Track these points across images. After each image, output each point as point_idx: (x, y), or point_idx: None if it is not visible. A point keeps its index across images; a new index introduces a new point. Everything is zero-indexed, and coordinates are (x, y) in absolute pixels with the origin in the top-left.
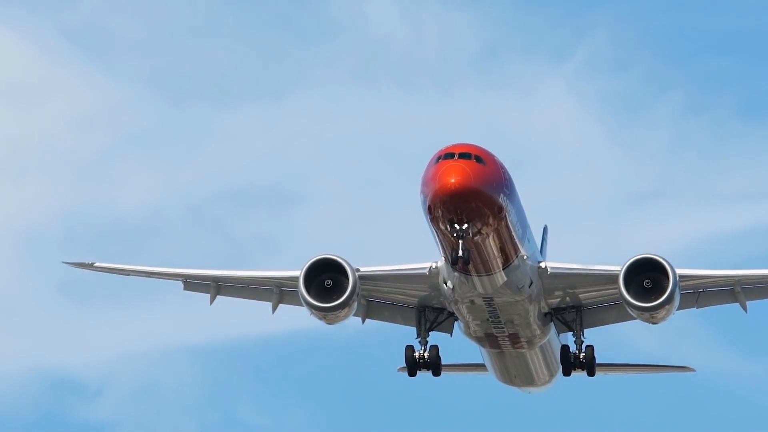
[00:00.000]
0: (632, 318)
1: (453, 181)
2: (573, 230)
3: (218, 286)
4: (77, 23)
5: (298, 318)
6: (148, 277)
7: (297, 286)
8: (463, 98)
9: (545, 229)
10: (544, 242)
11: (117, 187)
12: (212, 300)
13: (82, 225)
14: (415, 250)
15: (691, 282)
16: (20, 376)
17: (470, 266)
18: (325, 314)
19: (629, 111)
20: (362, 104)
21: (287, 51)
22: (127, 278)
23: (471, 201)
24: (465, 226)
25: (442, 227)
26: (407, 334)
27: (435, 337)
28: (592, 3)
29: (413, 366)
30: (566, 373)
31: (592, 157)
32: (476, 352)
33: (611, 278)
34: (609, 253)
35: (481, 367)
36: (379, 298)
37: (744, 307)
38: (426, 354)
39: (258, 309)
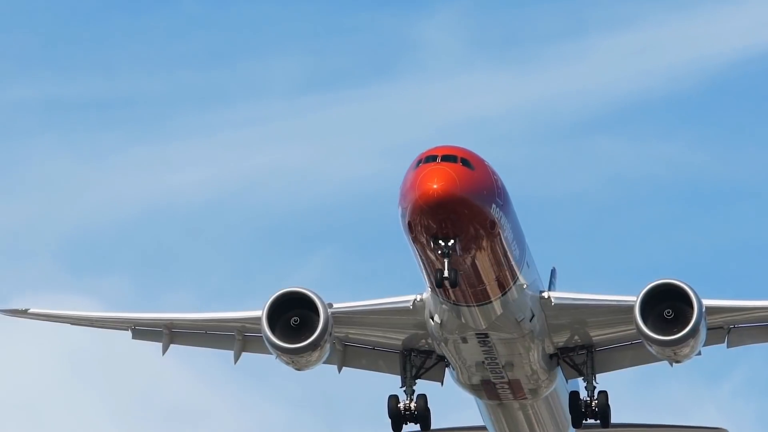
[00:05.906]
0: (652, 360)
1: (435, 187)
2: None
3: (172, 333)
4: None
5: None
6: (91, 325)
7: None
8: None
9: (553, 271)
10: (552, 286)
11: None
12: (165, 350)
13: None
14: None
15: (719, 317)
16: None
17: (459, 293)
18: (293, 357)
19: None
20: None
21: None
22: None
23: (457, 211)
24: (451, 242)
25: (425, 245)
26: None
27: (423, 387)
28: None
29: (398, 419)
30: (576, 424)
31: None
32: (473, 406)
33: (626, 309)
34: None
35: (480, 430)
36: (357, 341)
37: None
38: (412, 405)
39: None
